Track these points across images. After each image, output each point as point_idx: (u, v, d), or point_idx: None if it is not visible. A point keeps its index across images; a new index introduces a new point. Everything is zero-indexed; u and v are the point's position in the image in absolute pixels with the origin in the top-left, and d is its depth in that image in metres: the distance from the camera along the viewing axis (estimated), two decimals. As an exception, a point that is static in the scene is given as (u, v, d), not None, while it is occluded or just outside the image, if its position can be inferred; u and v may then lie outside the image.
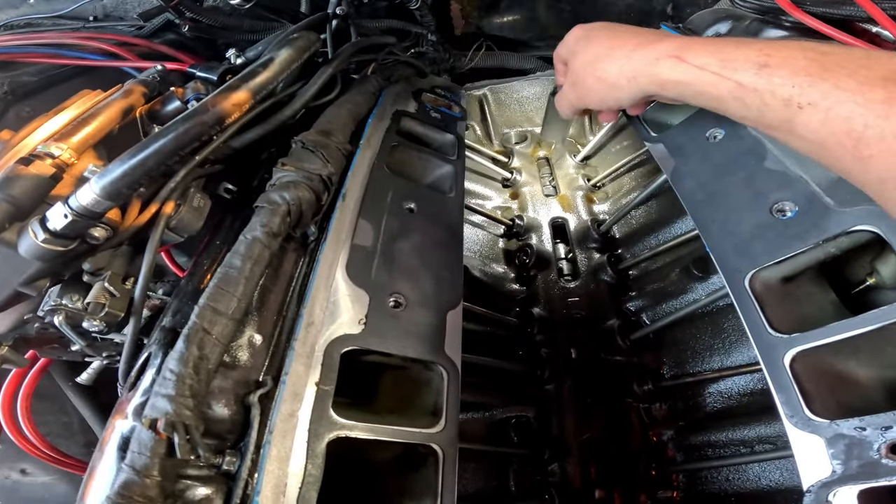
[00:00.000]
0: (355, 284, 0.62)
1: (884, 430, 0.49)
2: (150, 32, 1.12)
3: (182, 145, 0.50)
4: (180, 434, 0.35)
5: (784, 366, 0.57)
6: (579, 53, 0.68)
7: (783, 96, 0.44)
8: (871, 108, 0.38)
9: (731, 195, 0.67)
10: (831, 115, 0.41)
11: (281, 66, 0.63)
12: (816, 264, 0.62)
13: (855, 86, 0.39)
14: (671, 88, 0.55)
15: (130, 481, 0.33)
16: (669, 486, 0.94)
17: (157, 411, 0.36)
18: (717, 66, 0.49)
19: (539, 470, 0.95)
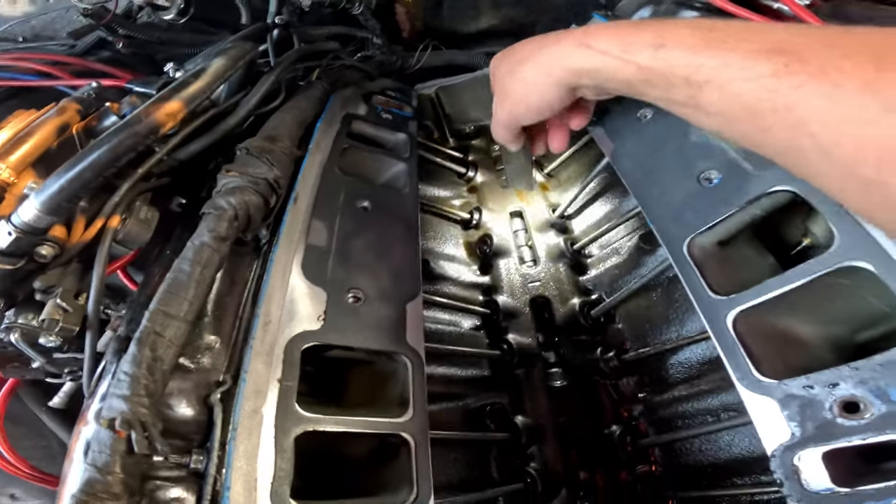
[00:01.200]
0: (312, 283, 0.65)
1: (831, 386, 0.51)
2: (84, 51, 1.12)
3: (117, 156, 0.52)
4: (137, 431, 0.37)
5: (728, 327, 0.61)
6: (500, 67, 0.68)
7: (682, 75, 0.45)
8: (759, 82, 0.39)
9: (664, 169, 0.73)
10: (727, 92, 0.42)
11: (214, 76, 0.65)
12: (746, 227, 0.67)
13: (740, 61, 0.40)
14: (585, 76, 0.55)
15: (93, 479, 0.35)
16: (647, 460, 0.98)
17: (114, 411, 0.37)
18: (618, 51, 0.49)
19: (519, 455, 0.99)
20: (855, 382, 0.50)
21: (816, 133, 0.36)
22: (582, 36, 0.54)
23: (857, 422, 0.48)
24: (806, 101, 0.36)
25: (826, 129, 0.36)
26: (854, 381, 0.50)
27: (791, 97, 0.37)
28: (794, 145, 0.39)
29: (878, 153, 0.33)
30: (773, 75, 0.38)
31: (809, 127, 0.37)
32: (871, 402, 0.48)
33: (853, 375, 0.50)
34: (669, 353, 0.94)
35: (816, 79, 0.36)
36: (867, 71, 0.34)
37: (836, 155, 0.36)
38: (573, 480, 0.98)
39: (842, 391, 0.50)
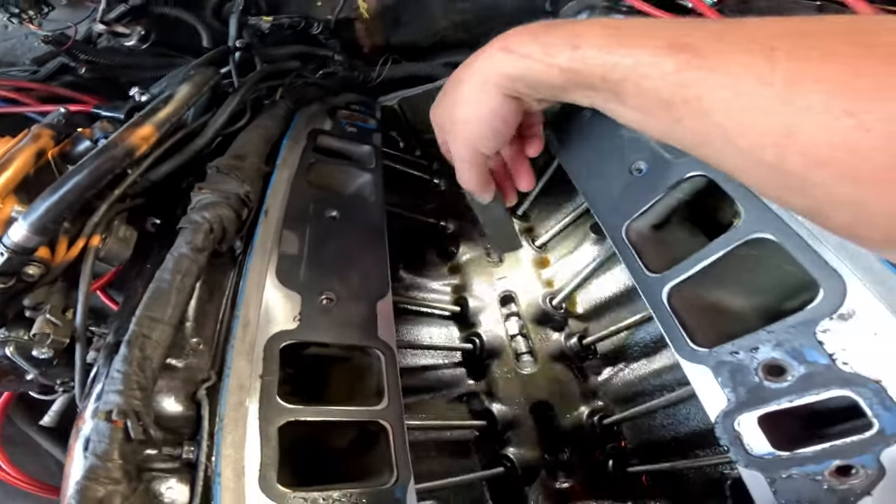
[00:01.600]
0: (286, 287, 0.70)
1: (753, 350, 0.54)
2: (47, 76, 1.14)
3: (97, 179, 0.57)
4: (132, 419, 0.42)
5: (663, 301, 0.67)
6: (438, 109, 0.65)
7: (600, 74, 0.45)
8: (666, 78, 0.40)
9: (603, 164, 0.81)
10: (642, 88, 0.43)
11: (181, 101, 0.71)
12: (674, 210, 0.76)
13: (649, 57, 0.41)
14: (518, 82, 0.53)
15: (94, 465, 0.39)
16: (617, 437, 1.04)
17: (110, 404, 0.42)
18: (540, 53, 0.49)
19: (497, 441, 1.06)
20: (773, 345, 0.54)
21: (722, 123, 0.38)
22: (503, 41, 0.53)
23: (781, 384, 0.51)
24: (710, 93, 0.38)
25: (730, 119, 0.37)
26: (771, 343, 0.54)
27: (697, 90, 0.39)
28: (704, 135, 0.40)
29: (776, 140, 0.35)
30: (677, 70, 0.39)
31: (715, 117, 0.38)
32: (790, 364, 0.51)
33: (770, 339, 0.54)
34: (624, 332, 1.02)
35: (716, 72, 0.37)
36: (759, 63, 0.35)
37: (740, 143, 0.37)
38: (551, 462, 1.04)
39: (763, 354, 0.54)
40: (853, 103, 0.31)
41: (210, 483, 0.50)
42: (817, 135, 0.33)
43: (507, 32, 0.54)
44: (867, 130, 0.31)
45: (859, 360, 0.48)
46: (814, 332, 0.51)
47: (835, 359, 0.49)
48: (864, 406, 0.46)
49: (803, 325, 0.52)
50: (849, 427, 0.49)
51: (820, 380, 0.49)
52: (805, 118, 0.33)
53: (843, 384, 0.48)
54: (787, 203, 0.42)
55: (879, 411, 0.45)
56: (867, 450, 0.45)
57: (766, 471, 0.51)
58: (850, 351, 0.49)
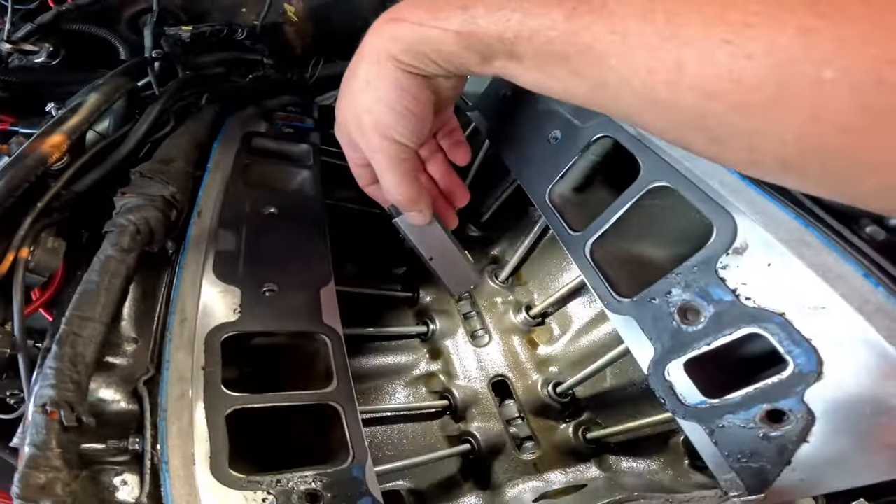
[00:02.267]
0: (225, 283, 0.72)
1: (667, 295, 0.55)
2: (-38, 97, 1.11)
3: (12, 188, 0.58)
4: (66, 409, 0.43)
5: (586, 257, 0.71)
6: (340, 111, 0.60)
7: (495, 34, 0.44)
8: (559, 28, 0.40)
9: (524, 137, 0.87)
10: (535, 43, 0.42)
11: (90, 109, 0.72)
12: (591, 171, 0.81)
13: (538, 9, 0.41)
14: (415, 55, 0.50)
15: (34, 455, 0.41)
16: (576, 403, 1.08)
17: (43, 398, 0.44)
18: (431, 20, 0.47)
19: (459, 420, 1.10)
20: (682, 287, 0.54)
21: (616, 66, 0.38)
22: (393, 12, 0.50)
23: (696, 327, 0.52)
24: (600, 38, 0.38)
25: (622, 61, 0.38)
26: (681, 286, 0.55)
27: (587, 37, 0.39)
28: (602, 82, 0.40)
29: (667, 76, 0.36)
30: (567, 20, 0.39)
31: (609, 61, 0.38)
32: (700, 305, 0.52)
33: (679, 281, 0.55)
34: (568, 298, 1.08)
35: (602, 18, 0.38)
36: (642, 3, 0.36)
37: (634, 84, 0.38)
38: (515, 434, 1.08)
39: (676, 298, 0.54)
40: (733, 35, 0.32)
41: (158, 471, 0.52)
42: (702, 67, 0.34)
43: (396, 6, 0.51)
44: (749, 58, 0.31)
45: (760, 293, 0.48)
46: (715, 270, 0.52)
47: (738, 294, 0.50)
48: (775, 343, 0.45)
49: (704, 264, 0.53)
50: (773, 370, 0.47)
51: (728, 318, 0.49)
52: (688, 52, 0.34)
53: (749, 321, 0.48)
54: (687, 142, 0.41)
55: (790, 347, 0.44)
56: (789, 392, 0.44)
57: (703, 421, 0.51)
58: (750, 285, 0.49)
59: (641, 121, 0.43)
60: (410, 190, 0.60)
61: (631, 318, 0.61)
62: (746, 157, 0.38)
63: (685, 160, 0.64)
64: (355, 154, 0.62)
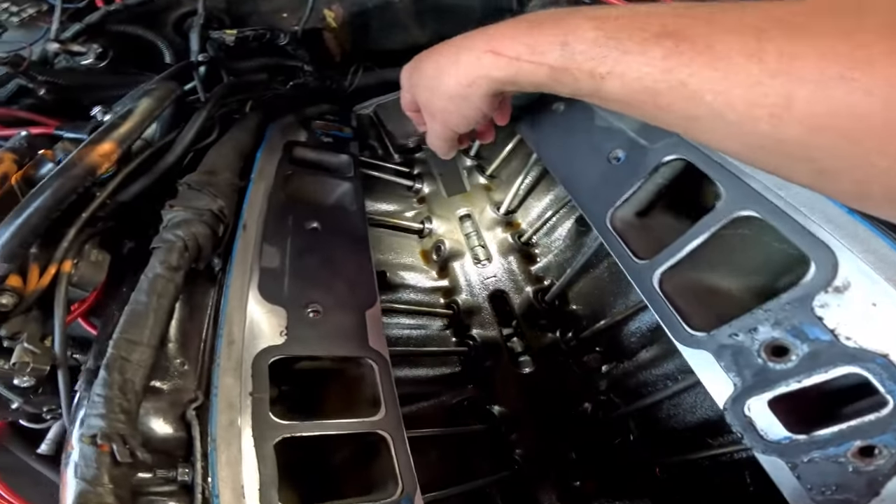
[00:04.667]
0: (270, 302, 0.70)
1: (752, 331, 0.53)
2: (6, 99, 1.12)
3: (60, 199, 0.56)
4: (118, 442, 0.41)
5: (655, 288, 0.67)
6: (419, 84, 0.69)
7: (587, 70, 0.48)
8: (654, 64, 0.43)
9: (580, 154, 0.83)
10: (627, 80, 0.46)
11: (142, 116, 0.70)
12: (656, 195, 0.77)
13: (637, 48, 0.44)
14: (505, 83, 0.57)
15: (85, 491, 0.38)
16: (625, 432, 1.04)
17: (94, 428, 0.41)
18: (528, 55, 0.52)
19: (501, 443, 1.05)
20: (771, 324, 0.52)
21: (711, 101, 0.40)
22: (490, 42, 0.56)
23: (787, 365, 0.50)
24: (697, 75, 0.41)
25: (719, 97, 0.40)
26: (770, 323, 0.52)
27: (683, 73, 0.41)
28: (692, 115, 0.43)
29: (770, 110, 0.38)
30: (664, 58, 0.42)
31: (704, 97, 0.41)
32: (792, 344, 0.50)
33: (768, 317, 0.53)
34: (621, 324, 1.03)
35: (703, 54, 0.40)
36: (749, 43, 0.38)
37: (730, 118, 0.40)
38: (560, 461, 1.04)
39: (763, 335, 0.52)
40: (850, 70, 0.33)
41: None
42: (814, 102, 0.35)
43: (492, 31, 0.57)
44: (868, 94, 0.33)
45: (862, 333, 0.46)
46: (811, 308, 0.50)
47: (837, 334, 0.48)
48: (876, 383, 0.44)
49: (798, 301, 0.51)
50: (865, 405, 0.47)
51: (826, 357, 0.48)
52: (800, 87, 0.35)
53: (849, 360, 0.46)
54: (787, 173, 0.43)
55: (892, 387, 0.43)
56: (886, 429, 0.44)
57: (786, 456, 0.50)
58: (851, 325, 0.47)
59: (735, 152, 0.46)
60: (447, 150, 0.77)
61: (707, 353, 0.58)
62: (854, 189, 0.39)
63: (778, 189, 0.59)
64: (410, 96, 0.74)
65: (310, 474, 0.69)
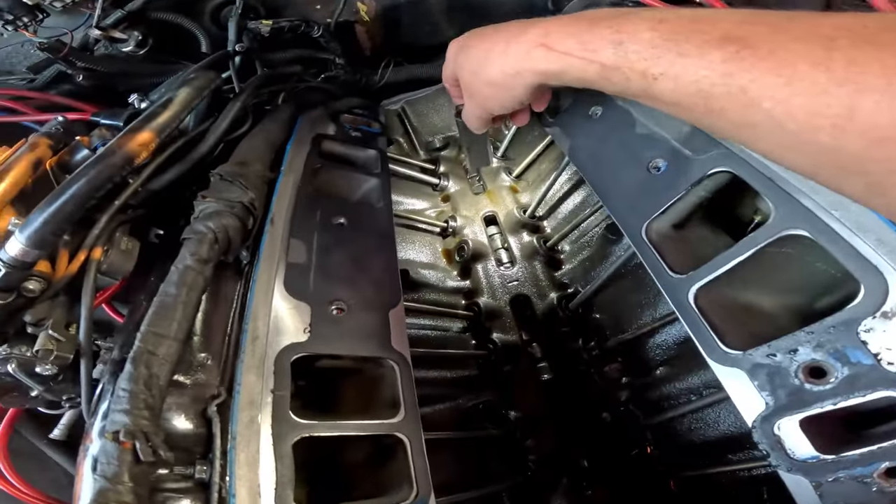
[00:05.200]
0: (295, 298, 0.68)
1: (792, 353, 0.52)
2: (44, 84, 1.13)
3: (96, 188, 0.55)
4: (141, 440, 0.40)
5: (690, 303, 0.65)
6: (463, 65, 0.70)
7: (639, 70, 0.48)
8: (713, 68, 0.42)
9: (617, 161, 0.79)
10: (681, 82, 0.45)
11: (181, 105, 0.69)
12: (696, 208, 0.73)
13: (695, 51, 0.44)
14: (551, 77, 0.58)
15: (104, 489, 0.38)
16: (641, 444, 1.01)
17: (117, 424, 0.40)
18: (580, 51, 0.52)
19: (516, 449, 1.03)
20: (813, 347, 0.51)
21: (770, 108, 0.40)
22: (542, 36, 0.56)
23: (824, 387, 0.49)
24: (758, 81, 0.40)
25: (779, 104, 0.39)
26: (811, 345, 0.51)
27: (744, 79, 0.41)
28: (748, 122, 0.42)
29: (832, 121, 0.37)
30: (724, 62, 0.42)
31: (763, 104, 0.40)
32: (832, 366, 0.50)
33: (810, 340, 0.52)
34: (647, 336, 1.00)
35: (766, 61, 0.40)
36: (816, 52, 0.38)
37: (789, 127, 0.39)
38: (573, 469, 1.02)
39: (802, 357, 0.52)
40: None
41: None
42: (878, 114, 0.34)
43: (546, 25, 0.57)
44: None
45: None
46: (856, 332, 0.49)
47: (880, 359, 0.47)
48: None
49: (844, 326, 0.50)
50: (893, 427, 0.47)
51: (865, 381, 0.47)
52: (864, 98, 0.35)
53: (889, 385, 0.46)
54: (840, 185, 0.42)
55: None
56: None
57: (811, 475, 0.50)
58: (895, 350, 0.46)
59: (787, 161, 0.45)
60: (479, 125, 0.78)
61: (740, 371, 0.56)
62: None
63: (833, 209, 0.56)
64: (452, 71, 0.75)
65: (321, 471, 0.68)
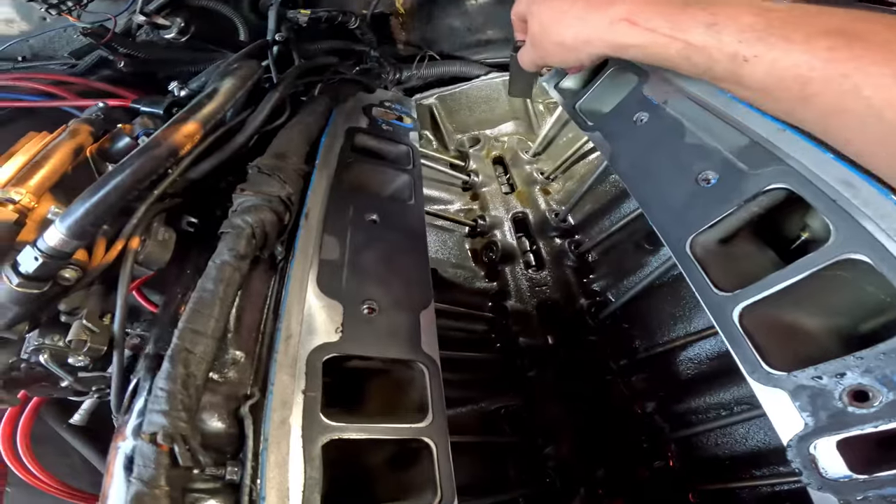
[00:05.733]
0: (328, 296, 0.67)
1: (839, 376, 0.52)
2: (85, 70, 1.14)
3: (139, 179, 0.54)
4: (179, 444, 0.39)
5: (734, 322, 0.62)
6: (535, 15, 0.70)
7: (729, 51, 0.48)
8: (816, 54, 0.43)
9: (663, 171, 0.75)
10: (777, 65, 0.46)
11: (226, 96, 0.68)
12: (746, 224, 0.70)
13: (801, 38, 0.44)
14: (625, 51, 0.58)
15: (141, 493, 0.37)
16: (664, 456, 0.99)
17: (155, 426, 0.39)
18: (667, 28, 0.53)
19: (536, 456, 1.01)
20: (861, 371, 0.50)
21: (870, 96, 0.40)
22: (629, 12, 0.56)
23: (867, 410, 0.49)
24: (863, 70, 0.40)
25: (881, 92, 0.39)
26: (860, 370, 0.51)
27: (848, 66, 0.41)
28: (841, 109, 0.42)
29: None
30: (829, 49, 0.42)
31: (864, 91, 0.40)
32: (878, 391, 0.49)
33: (859, 365, 0.51)
34: (679, 349, 0.96)
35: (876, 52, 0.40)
36: None
37: (887, 115, 0.39)
38: (592, 478, 1.00)
39: (849, 380, 0.51)
40: None
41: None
42: None
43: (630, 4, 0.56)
44: None
45: None
46: None
47: None
48: None
49: None
50: None
51: None
52: None
53: None
54: None
55: None
56: None
57: (841, 493, 0.49)
58: None
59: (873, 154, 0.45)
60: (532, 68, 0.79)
61: (782, 391, 0.56)
62: None
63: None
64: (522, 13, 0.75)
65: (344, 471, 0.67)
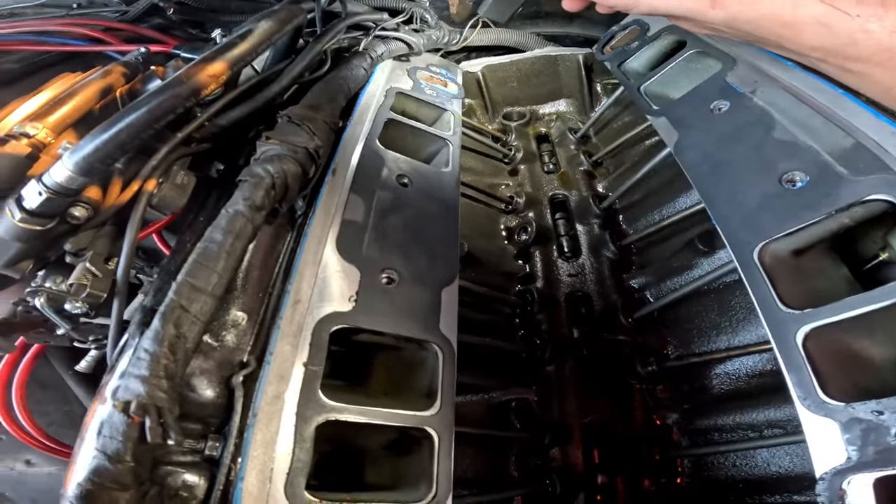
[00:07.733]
0: (346, 260, 0.60)
1: None
2: (135, 17, 1.10)
3: (156, 118, 0.48)
4: (152, 417, 0.33)
5: (797, 344, 0.55)
6: None
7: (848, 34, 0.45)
8: None
9: (738, 166, 0.64)
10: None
11: (260, 37, 0.60)
12: (829, 236, 0.59)
13: None
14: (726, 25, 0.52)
15: (101, 467, 0.31)
16: (674, 471, 0.91)
17: (130, 393, 0.34)
18: None
19: (540, 455, 0.94)
20: None
21: None
22: None
23: None
24: None
25: None
26: None
27: None
28: None
29: None
30: None
31: None
32: None
33: None
34: (716, 363, 0.86)
35: None
36: None
37: None
38: (591, 484, 0.92)
39: None
40: None
41: (231, 488, 0.41)
42: None
43: None
44: None
45: None
46: None
47: None
48: None
49: None
50: None
51: None
52: None
53: None
54: None
55: None
56: None
57: None
58: None
59: None
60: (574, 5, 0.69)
61: (832, 421, 0.50)
62: None
63: None
64: None
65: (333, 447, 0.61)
